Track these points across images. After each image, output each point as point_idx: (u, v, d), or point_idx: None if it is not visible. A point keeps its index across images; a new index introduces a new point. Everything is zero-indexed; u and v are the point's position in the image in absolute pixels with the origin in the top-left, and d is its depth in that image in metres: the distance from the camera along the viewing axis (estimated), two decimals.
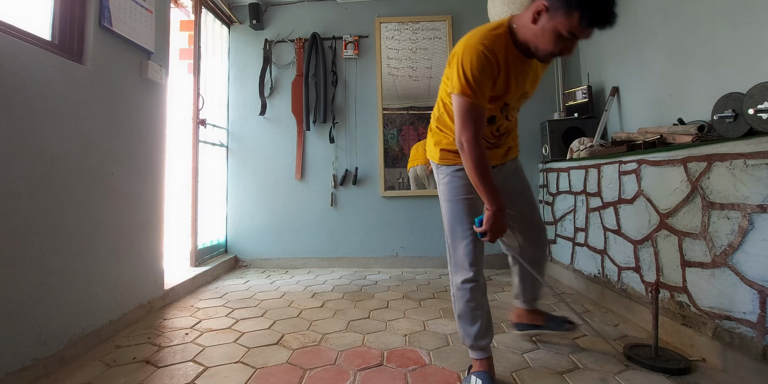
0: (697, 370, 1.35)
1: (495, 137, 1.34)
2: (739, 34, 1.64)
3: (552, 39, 1.09)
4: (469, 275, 1.27)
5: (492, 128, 1.31)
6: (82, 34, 1.62)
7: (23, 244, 1.29)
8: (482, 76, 1.13)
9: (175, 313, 2.01)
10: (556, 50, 1.11)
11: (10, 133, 1.26)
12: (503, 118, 1.31)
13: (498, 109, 1.27)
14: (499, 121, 1.30)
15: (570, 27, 1.04)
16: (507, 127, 1.36)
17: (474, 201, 1.31)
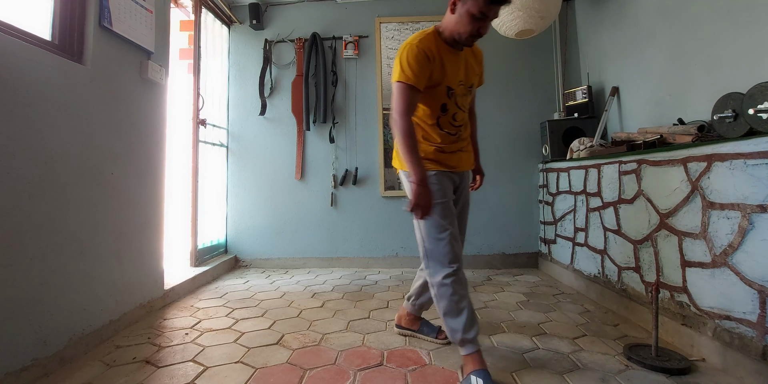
0: (697, 370, 1.35)
1: (455, 127, 1.44)
2: (739, 34, 1.64)
3: (468, 21, 1.28)
4: (450, 270, 1.33)
5: (448, 117, 1.41)
6: (82, 34, 1.62)
7: (23, 244, 1.29)
8: (417, 64, 1.30)
9: (175, 313, 2.01)
10: (474, 31, 1.29)
11: (10, 133, 1.26)
12: (455, 106, 1.42)
13: (445, 95, 1.38)
14: (452, 109, 1.41)
15: (479, 7, 1.24)
16: (463, 119, 1.46)
17: (447, 204, 1.38)
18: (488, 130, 3.10)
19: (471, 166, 1.56)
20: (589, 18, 2.88)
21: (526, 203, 3.05)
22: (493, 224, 3.05)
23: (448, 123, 1.42)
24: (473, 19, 1.26)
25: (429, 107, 1.40)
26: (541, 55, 3.11)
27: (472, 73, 1.46)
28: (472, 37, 1.32)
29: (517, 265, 3.02)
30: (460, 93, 1.41)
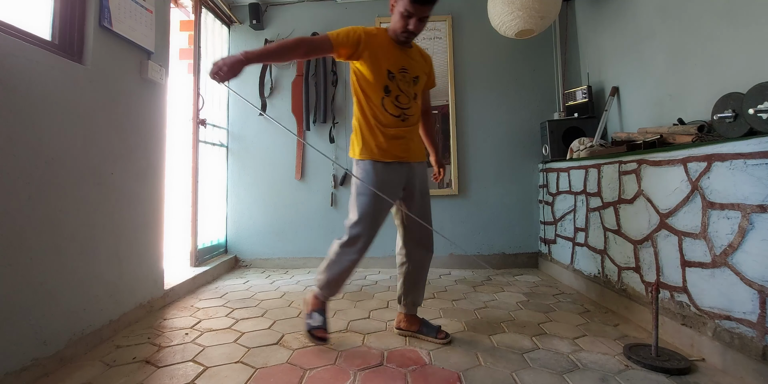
0: (697, 370, 1.36)
1: (399, 109, 1.57)
2: (739, 34, 1.64)
3: (399, 19, 1.48)
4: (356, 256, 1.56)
5: (392, 98, 1.56)
6: (82, 34, 1.62)
7: (23, 244, 1.29)
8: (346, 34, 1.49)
9: (175, 313, 2.01)
10: (404, 28, 1.48)
11: (10, 133, 1.26)
12: (397, 89, 1.56)
13: (386, 77, 1.54)
14: (394, 91, 1.56)
15: (405, 6, 1.43)
16: (409, 105, 1.59)
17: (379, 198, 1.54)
18: (488, 130, 3.10)
19: (422, 158, 1.70)
20: (589, 18, 2.88)
21: (526, 203, 3.05)
22: (493, 224, 3.05)
23: (391, 104, 1.56)
24: (402, 16, 1.46)
25: (373, 87, 1.55)
26: (541, 55, 3.11)
27: (418, 68, 1.62)
28: (405, 33, 1.50)
29: (517, 265, 3.02)
30: (402, 79, 1.57)
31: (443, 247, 3.06)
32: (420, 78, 1.64)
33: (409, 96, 1.59)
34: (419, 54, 1.67)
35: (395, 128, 1.57)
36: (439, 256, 3.05)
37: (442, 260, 3.05)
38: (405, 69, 1.57)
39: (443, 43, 3.14)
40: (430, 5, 1.44)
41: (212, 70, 1.35)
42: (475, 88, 3.13)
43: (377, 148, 1.57)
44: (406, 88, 1.58)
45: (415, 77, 1.61)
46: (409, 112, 1.60)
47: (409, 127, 1.61)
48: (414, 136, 1.66)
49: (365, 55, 1.51)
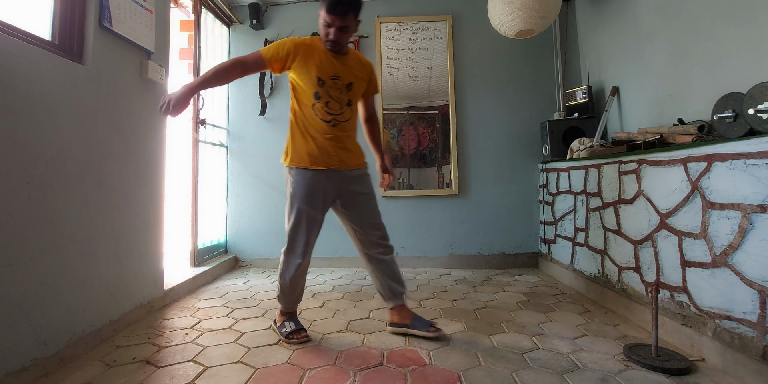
0: (697, 370, 1.35)
1: (329, 115, 1.62)
2: (739, 34, 1.64)
3: (323, 29, 1.56)
4: (300, 260, 1.64)
5: (322, 104, 1.61)
6: (82, 34, 1.62)
7: (23, 244, 1.29)
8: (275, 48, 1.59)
9: (175, 313, 2.01)
10: (327, 37, 1.55)
11: (10, 133, 1.26)
12: (327, 95, 1.61)
13: (316, 84, 1.59)
14: (324, 97, 1.61)
15: (324, 16, 1.51)
16: (341, 111, 1.64)
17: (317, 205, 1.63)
18: (488, 130, 3.10)
19: (358, 165, 1.74)
20: (589, 18, 2.88)
21: (526, 203, 3.05)
22: (493, 224, 3.05)
23: (322, 109, 1.61)
24: (324, 26, 1.55)
25: (305, 92, 1.62)
26: (541, 55, 3.11)
27: (351, 75, 1.66)
28: (328, 42, 1.57)
29: (517, 265, 3.02)
30: (333, 85, 1.62)
31: (443, 247, 3.07)
32: (355, 84, 1.67)
33: (341, 102, 1.64)
34: (357, 61, 1.70)
35: (326, 134, 1.62)
36: (439, 256, 3.06)
37: (442, 260, 3.05)
38: (337, 76, 1.62)
39: (443, 43, 3.14)
40: (343, 16, 1.49)
41: (162, 107, 1.45)
42: (475, 88, 3.13)
43: (308, 156, 1.62)
44: (337, 94, 1.63)
45: (348, 84, 1.65)
46: (341, 118, 1.64)
47: (341, 132, 1.65)
48: (348, 143, 1.69)
49: (294, 65, 1.59)
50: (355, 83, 1.67)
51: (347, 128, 1.68)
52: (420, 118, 3.16)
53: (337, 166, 1.65)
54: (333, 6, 1.47)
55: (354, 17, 1.53)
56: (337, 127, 1.64)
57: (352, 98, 1.68)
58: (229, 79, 1.60)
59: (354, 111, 1.72)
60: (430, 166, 3.14)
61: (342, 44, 1.59)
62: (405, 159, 3.13)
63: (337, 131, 1.64)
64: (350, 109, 1.68)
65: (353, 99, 1.69)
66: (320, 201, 1.64)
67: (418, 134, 3.14)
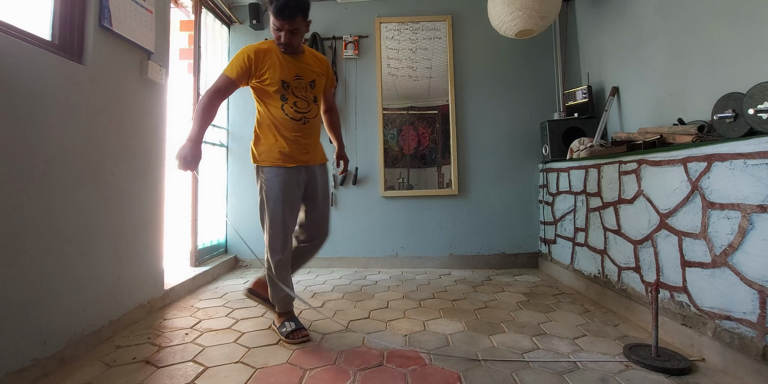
0: (697, 370, 1.36)
1: (299, 113, 1.69)
2: (739, 34, 1.64)
3: (274, 32, 1.62)
4: (279, 256, 1.67)
5: (290, 104, 1.67)
6: (82, 34, 1.62)
7: (23, 244, 1.29)
8: (236, 62, 1.64)
9: (175, 313, 2.01)
10: (279, 40, 1.62)
11: (10, 133, 1.26)
12: (293, 95, 1.68)
13: (281, 87, 1.65)
14: (291, 98, 1.68)
15: (273, 21, 1.58)
16: (309, 108, 1.71)
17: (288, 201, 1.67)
18: (488, 130, 3.10)
19: (323, 160, 1.84)
20: (589, 18, 2.88)
21: (526, 203, 3.05)
22: (493, 224, 3.05)
23: (291, 109, 1.68)
24: (274, 30, 1.61)
25: (271, 96, 1.67)
26: (541, 55, 3.11)
27: (312, 73, 1.73)
28: (280, 45, 1.63)
29: (517, 265, 3.02)
30: (297, 85, 1.69)
31: (443, 247, 3.07)
32: (317, 81, 1.74)
33: (307, 100, 1.71)
34: (313, 58, 1.78)
35: (297, 132, 1.69)
36: (439, 256, 3.06)
37: (442, 260, 3.05)
38: (299, 76, 1.69)
39: (443, 43, 3.14)
40: (291, 19, 1.55)
41: (181, 165, 1.50)
42: (475, 88, 3.13)
43: (280, 154, 1.67)
44: (303, 93, 1.70)
45: (311, 81, 1.72)
46: (309, 115, 1.72)
47: (311, 129, 1.74)
48: (314, 140, 1.77)
49: (258, 73, 1.65)
50: (316, 80, 1.74)
51: (315, 124, 1.76)
52: (420, 118, 3.16)
53: (306, 162, 1.73)
54: (280, 11, 1.53)
55: (302, 19, 1.60)
56: (307, 124, 1.71)
57: (317, 95, 1.76)
58: (216, 112, 1.64)
59: (319, 107, 1.81)
60: (430, 166, 3.14)
61: (294, 46, 1.65)
62: (405, 159, 3.13)
63: (308, 128, 1.72)
64: (316, 106, 1.76)
65: (318, 95, 1.76)
66: (295, 197, 1.70)
67: (418, 134, 3.14)
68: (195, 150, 1.52)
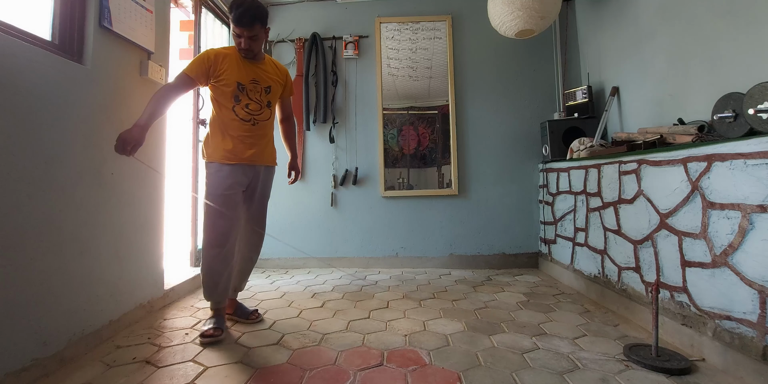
0: (697, 370, 1.36)
1: (249, 115, 1.79)
2: (739, 34, 1.64)
3: (235, 39, 1.73)
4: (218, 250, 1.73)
5: (242, 106, 1.77)
6: (82, 34, 1.62)
7: (23, 244, 1.29)
8: (196, 62, 1.72)
9: (175, 313, 2.01)
10: (239, 46, 1.72)
11: (10, 133, 1.26)
12: (247, 98, 1.77)
13: (236, 88, 1.74)
14: (244, 100, 1.77)
15: (233, 28, 1.69)
16: (260, 112, 1.81)
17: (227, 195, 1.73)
18: (488, 130, 3.10)
19: (270, 162, 1.93)
20: (589, 18, 2.88)
21: (526, 203, 3.05)
22: (493, 224, 3.05)
23: (242, 110, 1.77)
24: (234, 36, 1.72)
25: (225, 96, 1.74)
26: (541, 55, 3.11)
27: (269, 79, 1.84)
28: (241, 51, 1.73)
29: (517, 265, 3.02)
30: (253, 89, 1.79)
31: (443, 247, 3.07)
32: (273, 87, 1.85)
33: (260, 103, 1.81)
34: (272, 66, 1.89)
35: (245, 133, 1.77)
36: (439, 256, 3.06)
37: (442, 260, 3.05)
38: (256, 80, 1.79)
39: (443, 43, 3.14)
40: (250, 27, 1.65)
41: (119, 147, 1.49)
42: (475, 88, 3.13)
43: (224, 151, 1.75)
44: (257, 97, 1.80)
45: (267, 87, 1.83)
46: (260, 118, 1.82)
47: (260, 131, 1.82)
48: (264, 141, 1.85)
49: (216, 74, 1.73)
50: (273, 87, 1.85)
51: (265, 127, 1.85)
52: (420, 118, 3.16)
53: (250, 161, 1.80)
54: (239, 19, 1.63)
55: (260, 27, 1.69)
56: (256, 125, 1.80)
57: (272, 100, 1.87)
58: (170, 105, 1.69)
59: (273, 112, 1.90)
60: (430, 166, 3.14)
61: (254, 51, 1.74)
62: (405, 159, 3.13)
63: (256, 130, 1.81)
64: (269, 110, 1.86)
65: (272, 101, 1.87)
66: (234, 193, 1.75)
67: (418, 134, 3.14)
68: (138, 135, 1.51)
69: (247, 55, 1.75)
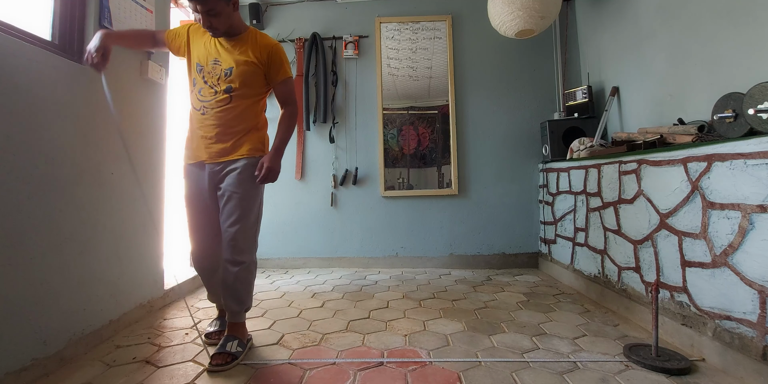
0: (697, 370, 1.36)
1: (200, 103, 1.53)
2: (739, 34, 1.64)
3: (195, 16, 1.50)
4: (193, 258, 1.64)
5: (195, 92, 1.55)
6: (82, 34, 1.62)
7: (23, 243, 1.29)
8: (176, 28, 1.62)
9: (175, 313, 2.01)
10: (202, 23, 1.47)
11: (10, 133, 1.26)
12: (202, 82, 1.53)
13: (194, 69, 1.55)
14: (199, 84, 1.54)
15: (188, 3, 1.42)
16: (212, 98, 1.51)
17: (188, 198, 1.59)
18: (488, 130, 3.10)
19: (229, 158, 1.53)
20: (589, 18, 2.88)
21: (526, 203, 3.05)
22: (493, 224, 3.05)
23: (194, 97, 1.55)
24: (193, 12, 1.47)
25: (189, 79, 1.59)
26: (541, 55, 3.11)
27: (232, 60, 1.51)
28: (205, 27, 1.46)
29: (517, 265, 3.02)
30: (212, 71, 1.52)
31: (443, 247, 3.07)
32: (237, 69, 1.49)
33: (215, 88, 1.50)
34: (252, 43, 1.53)
35: (197, 123, 1.54)
36: (439, 256, 3.06)
37: (442, 260, 3.05)
38: (217, 61, 1.51)
39: (443, 43, 3.14)
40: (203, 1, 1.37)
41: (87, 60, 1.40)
42: (475, 88, 3.13)
43: (186, 149, 1.59)
44: (212, 80, 1.51)
45: (228, 69, 1.50)
46: (210, 106, 1.50)
47: (213, 122, 1.50)
48: (220, 135, 1.51)
49: (183, 49, 1.58)
50: (236, 68, 1.50)
51: (221, 118, 1.50)
52: (420, 118, 3.16)
53: (204, 159, 1.53)
54: None
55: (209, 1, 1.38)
56: (207, 115, 1.51)
57: (235, 84, 1.50)
58: (141, 44, 1.62)
59: (238, 99, 1.51)
60: (430, 166, 3.14)
61: (219, 29, 1.45)
62: (405, 159, 3.13)
63: (207, 120, 1.51)
64: (228, 97, 1.50)
65: (236, 85, 1.50)
66: (197, 198, 1.57)
67: (418, 134, 3.14)
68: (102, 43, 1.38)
69: (214, 33, 1.48)
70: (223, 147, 1.52)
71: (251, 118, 1.57)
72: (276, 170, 1.56)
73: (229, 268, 1.52)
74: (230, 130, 1.52)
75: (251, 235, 1.57)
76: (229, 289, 1.54)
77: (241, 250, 1.52)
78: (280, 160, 1.58)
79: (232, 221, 1.50)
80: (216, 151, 1.52)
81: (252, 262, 1.59)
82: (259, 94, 1.58)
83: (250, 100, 1.56)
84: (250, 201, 1.54)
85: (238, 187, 1.51)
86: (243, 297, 1.56)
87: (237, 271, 1.52)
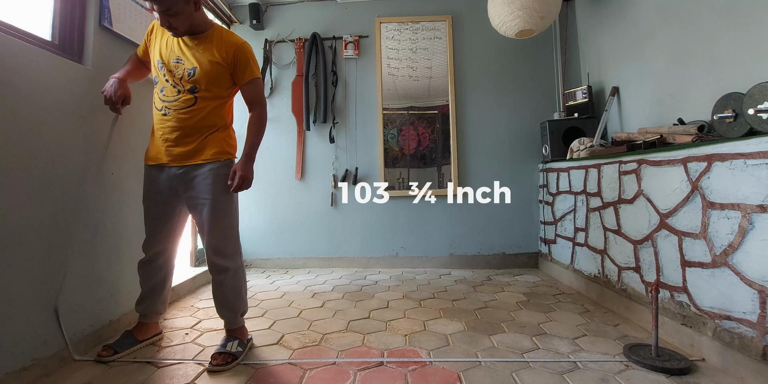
0: (697, 370, 1.36)
1: (162, 102, 1.50)
2: (739, 34, 1.64)
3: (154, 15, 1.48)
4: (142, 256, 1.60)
5: (157, 90, 1.51)
6: (82, 34, 1.62)
7: (23, 244, 1.29)
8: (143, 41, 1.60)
9: (175, 313, 2.01)
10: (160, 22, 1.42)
11: (10, 133, 1.26)
12: (164, 80, 1.49)
13: (156, 67, 1.51)
14: (161, 82, 1.50)
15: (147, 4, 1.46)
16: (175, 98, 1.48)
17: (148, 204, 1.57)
18: (488, 130, 3.10)
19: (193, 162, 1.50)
20: (589, 18, 2.88)
21: (526, 203, 3.05)
22: (493, 224, 3.05)
23: (156, 96, 1.51)
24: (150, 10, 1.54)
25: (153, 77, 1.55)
26: (541, 55, 3.11)
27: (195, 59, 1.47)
28: (163, 26, 1.42)
29: (517, 265, 3.02)
30: (174, 70, 1.48)
31: (443, 247, 3.07)
32: (201, 69, 1.46)
33: (178, 88, 1.47)
34: (218, 42, 1.49)
35: (158, 124, 1.51)
36: (439, 256, 3.06)
37: (442, 260, 3.05)
38: (179, 59, 1.47)
39: (443, 43, 3.14)
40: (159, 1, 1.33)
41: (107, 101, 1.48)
42: (475, 88, 3.13)
43: (148, 150, 1.57)
44: (174, 80, 1.47)
45: (191, 69, 1.46)
46: (173, 106, 1.47)
47: (176, 123, 1.47)
48: (182, 137, 1.48)
49: (149, 49, 1.57)
50: (200, 68, 1.46)
51: (184, 120, 1.46)
52: (420, 118, 3.16)
53: (165, 162, 1.50)
54: None
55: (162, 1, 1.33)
56: (169, 116, 1.47)
57: (200, 85, 1.46)
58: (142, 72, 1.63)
59: (203, 101, 1.48)
60: (430, 166, 3.14)
61: (177, 28, 1.40)
62: (405, 159, 3.13)
63: (169, 122, 1.47)
64: (193, 98, 1.46)
65: (201, 86, 1.47)
66: (153, 201, 1.54)
67: (418, 134, 3.14)
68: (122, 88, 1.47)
69: (175, 34, 1.44)
70: (184, 150, 1.49)
71: (215, 120, 1.54)
72: (249, 178, 1.53)
73: (217, 278, 1.54)
74: (192, 133, 1.49)
75: (232, 240, 1.56)
76: (219, 298, 1.56)
77: (224, 254, 1.52)
78: (252, 166, 1.55)
79: (209, 229, 1.50)
80: (177, 154, 1.49)
81: (238, 267, 1.58)
82: (225, 96, 1.56)
83: (217, 101, 1.53)
84: (224, 206, 1.52)
85: (208, 194, 1.49)
86: (235, 305, 1.57)
87: (224, 279, 1.53)
